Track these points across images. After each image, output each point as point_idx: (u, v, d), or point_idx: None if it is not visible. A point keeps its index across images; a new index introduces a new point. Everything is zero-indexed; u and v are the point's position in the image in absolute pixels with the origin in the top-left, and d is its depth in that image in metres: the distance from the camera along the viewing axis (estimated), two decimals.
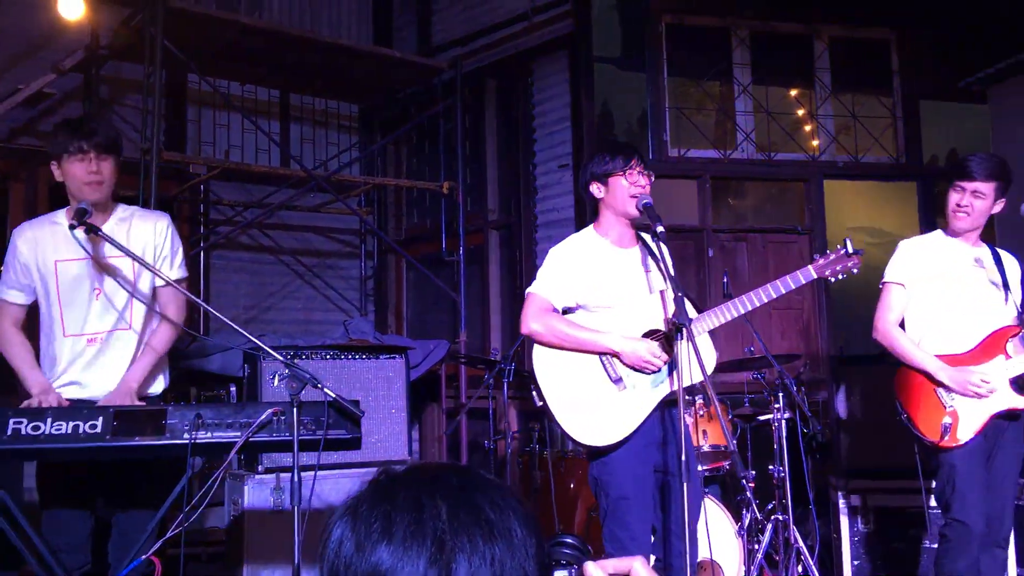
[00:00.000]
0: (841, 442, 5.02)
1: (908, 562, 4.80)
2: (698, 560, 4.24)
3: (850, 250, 3.38)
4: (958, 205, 3.65)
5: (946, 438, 3.52)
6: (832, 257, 3.40)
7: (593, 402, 3.27)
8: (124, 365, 3.28)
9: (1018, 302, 3.72)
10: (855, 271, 3.42)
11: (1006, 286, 3.69)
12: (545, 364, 3.34)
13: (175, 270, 3.39)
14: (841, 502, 4.91)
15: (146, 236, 3.33)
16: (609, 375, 3.28)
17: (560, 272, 3.39)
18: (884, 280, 3.82)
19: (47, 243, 3.26)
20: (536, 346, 3.38)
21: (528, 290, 3.44)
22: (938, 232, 3.84)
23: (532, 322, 3.34)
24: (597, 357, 3.30)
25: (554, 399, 3.29)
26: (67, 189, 3.25)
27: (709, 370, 3.10)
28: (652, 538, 3.34)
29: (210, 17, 6.77)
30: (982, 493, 3.51)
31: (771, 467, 4.89)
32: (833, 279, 3.41)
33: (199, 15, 6.67)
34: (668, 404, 3.31)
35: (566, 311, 3.41)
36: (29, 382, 3.19)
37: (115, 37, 6.83)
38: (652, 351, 3.23)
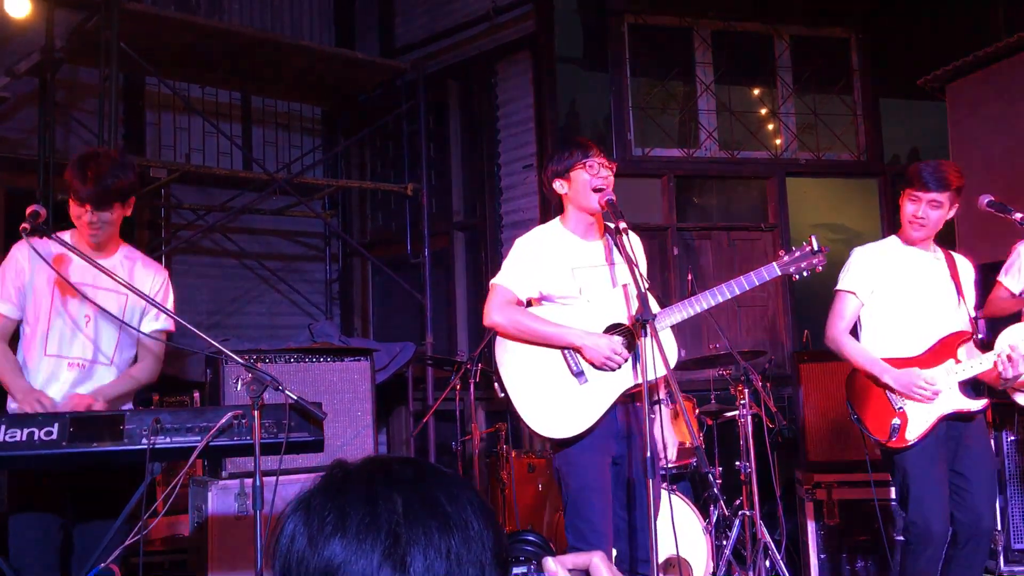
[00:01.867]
0: (806, 437, 5.05)
1: (873, 554, 4.85)
2: (666, 557, 4.25)
3: (815, 247, 3.40)
4: (915, 216, 3.68)
5: (894, 438, 3.58)
6: (797, 254, 3.41)
7: (554, 394, 3.26)
8: (97, 383, 3.23)
9: (970, 307, 3.77)
10: (820, 268, 3.44)
11: (959, 291, 3.74)
12: (507, 355, 3.34)
13: (163, 321, 3.38)
14: (806, 497, 4.94)
15: (144, 283, 3.32)
16: (571, 368, 3.28)
17: (525, 263, 3.38)
18: (836, 287, 3.85)
19: (45, 262, 3.20)
20: (499, 337, 3.37)
21: (492, 281, 3.43)
22: (892, 238, 3.85)
23: (495, 314, 3.33)
24: (559, 350, 3.29)
25: (515, 391, 3.29)
26: None
27: (672, 365, 3.10)
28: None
29: (167, 19, 6.68)
30: (939, 492, 3.55)
31: (738, 463, 4.92)
32: (797, 276, 3.42)
33: (156, 17, 6.58)
34: (632, 397, 3.31)
35: (530, 302, 3.41)
36: (12, 389, 3.15)
37: (71, 39, 6.72)
38: (614, 348, 3.22)
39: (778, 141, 7.27)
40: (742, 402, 4.88)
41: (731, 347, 4.66)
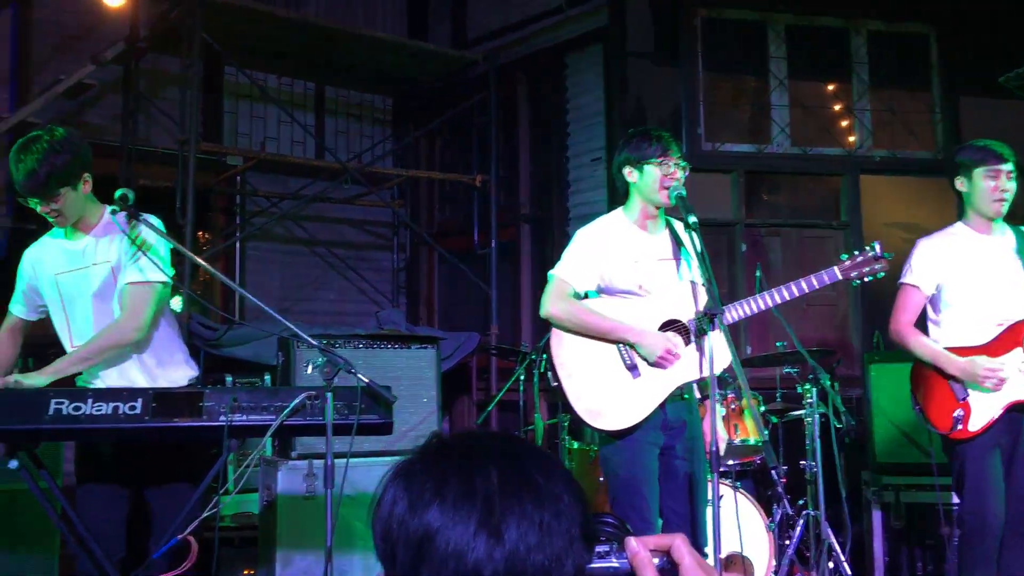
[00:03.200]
0: (874, 438, 4.98)
1: (939, 558, 4.76)
2: (728, 553, 4.24)
3: (878, 252, 3.36)
4: (997, 190, 3.61)
5: (957, 429, 3.52)
6: (859, 259, 3.38)
7: (607, 387, 3.27)
8: (125, 362, 3.24)
9: None
10: (882, 274, 3.40)
11: None
12: (562, 346, 3.36)
13: (135, 271, 3.22)
14: (873, 498, 4.88)
15: (122, 237, 3.25)
16: (624, 361, 3.29)
17: (585, 255, 3.39)
18: (901, 280, 3.79)
19: (47, 259, 3.30)
20: (554, 328, 3.39)
21: (551, 272, 3.46)
22: (959, 225, 3.76)
23: (552, 306, 3.36)
24: (615, 344, 3.30)
25: (568, 381, 3.31)
26: None
27: (721, 367, 3.10)
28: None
29: (247, 10, 6.85)
30: (996, 484, 3.50)
31: (803, 462, 4.87)
32: (859, 281, 3.39)
33: (237, 8, 6.75)
34: (685, 394, 3.32)
35: (589, 294, 3.42)
36: None
37: (154, 29, 6.92)
38: (669, 348, 3.22)
39: (852, 138, 7.14)
40: (809, 401, 4.83)
41: (799, 345, 4.62)
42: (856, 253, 3.41)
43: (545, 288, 3.43)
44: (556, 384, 3.35)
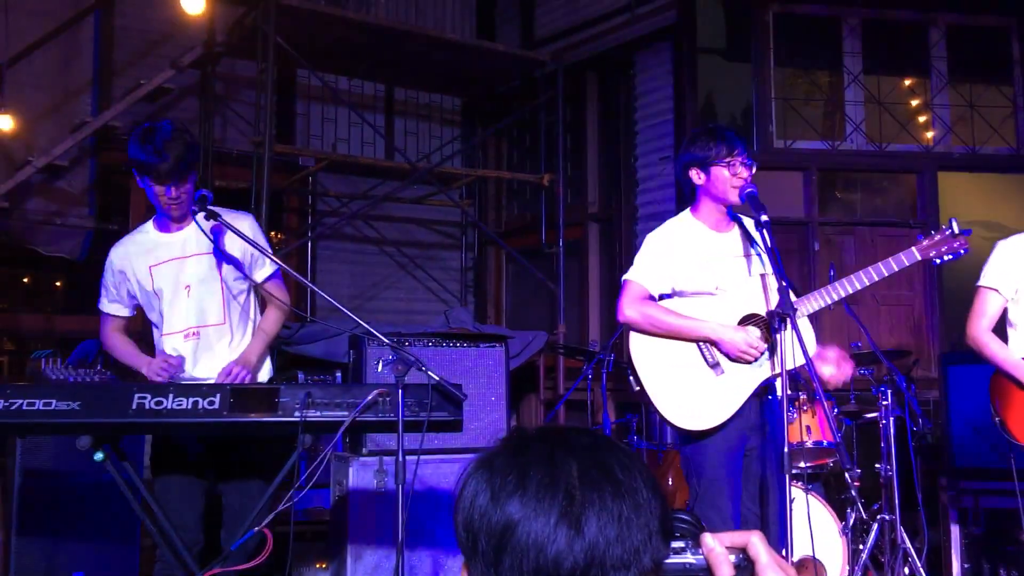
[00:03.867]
0: (952, 442, 4.85)
1: (1021, 565, 4.61)
2: (800, 557, 4.17)
3: (955, 231, 3.25)
4: None
5: None
6: (937, 238, 3.28)
7: (690, 386, 3.26)
8: (223, 358, 3.37)
9: None
10: (962, 252, 3.29)
11: None
12: (642, 349, 3.35)
13: (269, 264, 3.48)
14: (950, 504, 4.75)
15: (234, 236, 3.39)
16: (706, 360, 3.26)
17: (657, 258, 3.38)
18: (978, 283, 3.67)
19: (138, 252, 3.40)
20: (632, 332, 3.38)
21: (624, 277, 3.45)
22: None
23: (628, 310, 3.35)
24: (694, 342, 3.28)
25: (652, 384, 3.30)
26: None
27: (812, 353, 3.04)
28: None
29: (319, 13, 6.97)
30: None
31: (877, 465, 4.76)
32: (938, 260, 3.29)
33: (309, 12, 6.88)
34: (765, 390, 3.28)
35: (663, 297, 3.40)
36: (141, 367, 3.35)
37: (230, 34, 7.10)
38: (750, 342, 3.19)
39: (930, 134, 6.96)
40: (884, 403, 4.72)
41: (874, 345, 4.53)
42: (933, 232, 3.31)
43: (620, 294, 3.42)
44: (639, 388, 3.33)
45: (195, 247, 3.35)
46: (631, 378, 3.38)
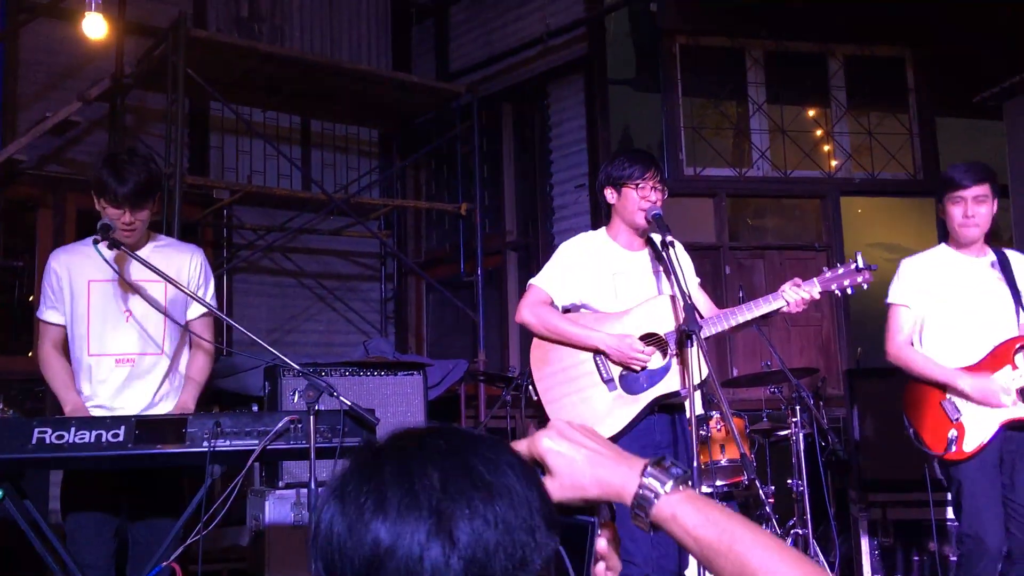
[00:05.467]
0: (860, 456, 5.00)
1: (928, 574, 4.77)
2: None
3: (860, 264, 3.37)
4: (965, 216, 3.64)
5: (952, 450, 3.52)
6: (841, 271, 3.39)
7: (583, 400, 3.30)
8: (154, 389, 3.31)
9: None
10: (865, 286, 3.42)
11: (1015, 293, 3.67)
12: (540, 359, 3.39)
13: (209, 301, 3.43)
14: (860, 516, 4.89)
15: (181, 266, 3.37)
16: (601, 375, 3.32)
17: (564, 268, 3.44)
18: (888, 301, 3.81)
19: (80, 265, 3.32)
20: (534, 340, 3.44)
21: (530, 281, 3.51)
22: (942, 246, 3.80)
23: (525, 311, 3.42)
24: (591, 356, 3.34)
25: (546, 394, 3.34)
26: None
27: (697, 379, 3.11)
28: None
29: (231, 46, 6.93)
30: (993, 506, 3.49)
31: (789, 481, 4.89)
32: (840, 293, 3.41)
33: (220, 44, 6.83)
34: (676, 409, 3.34)
35: (569, 309, 3.46)
36: (64, 402, 3.24)
37: (139, 66, 6.99)
38: (634, 347, 3.24)
39: (833, 162, 7.24)
40: (794, 420, 4.86)
41: (783, 365, 4.66)
42: (838, 265, 3.43)
43: (522, 297, 3.48)
44: (536, 398, 3.38)
45: (141, 273, 3.26)
46: (530, 388, 3.42)
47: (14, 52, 7.00)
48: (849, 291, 3.40)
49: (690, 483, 1.02)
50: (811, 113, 7.44)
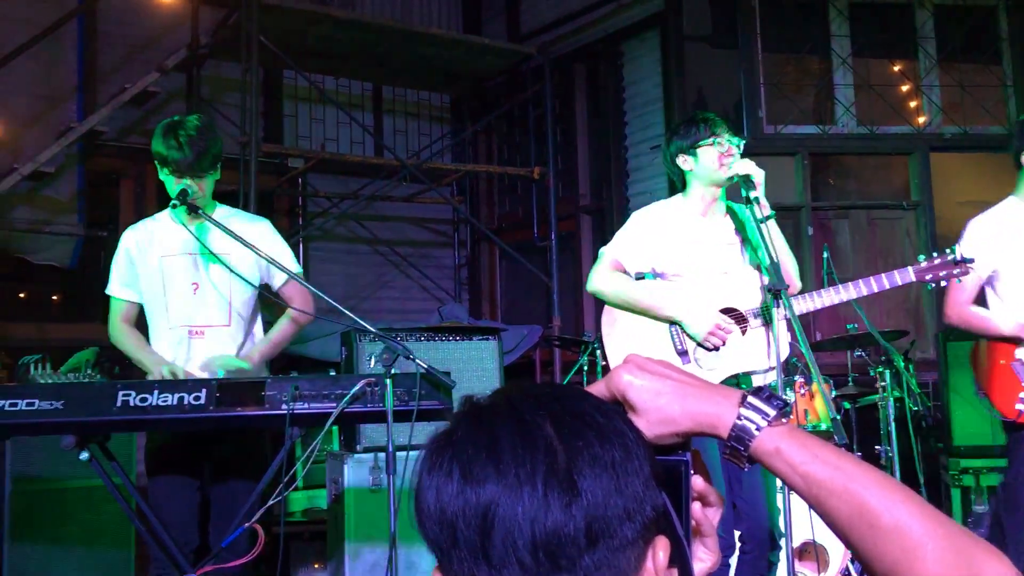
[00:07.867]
0: (952, 421, 4.81)
1: None
2: (802, 542, 4.13)
3: (957, 257, 3.20)
4: None
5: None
6: (937, 261, 3.22)
7: None
8: (236, 356, 3.32)
9: None
10: (959, 280, 3.25)
11: None
12: (612, 327, 3.31)
13: (292, 266, 3.40)
14: (953, 483, 4.71)
15: (257, 236, 3.33)
16: (675, 346, 3.21)
17: (637, 235, 3.33)
18: None
19: (150, 241, 3.36)
20: (605, 308, 3.35)
21: (601, 249, 3.41)
22: (1010, 199, 3.56)
23: (597, 279, 3.33)
24: (666, 327, 3.23)
25: (616, 360, 3.25)
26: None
27: (782, 356, 2.99)
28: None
29: (304, 12, 6.93)
30: None
31: (877, 447, 4.73)
32: (934, 284, 3.23)
33: (293, 11, 6.83)
34: (744, 382, 3.23)
35: (641, 277, 3.35)
36: (145, 361, 3.29)
37: (214, 36, 7.05)
38: (717, 323, 3.12)
39: (921, 116, 6.93)
40: (883, 384, 4.68)
41: (870, 326, 4.49)
42: (935, 255, 3.25)
43: (594, 264, 3.39)
44: (605, 363, 3.30)
45: (213, 244, 3.28)
46: (599, 354, 3.35)
47: (93, 24, 7.12)
48: (943, 283, 3.23)
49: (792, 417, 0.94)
50: (898, 67, 7.12)
